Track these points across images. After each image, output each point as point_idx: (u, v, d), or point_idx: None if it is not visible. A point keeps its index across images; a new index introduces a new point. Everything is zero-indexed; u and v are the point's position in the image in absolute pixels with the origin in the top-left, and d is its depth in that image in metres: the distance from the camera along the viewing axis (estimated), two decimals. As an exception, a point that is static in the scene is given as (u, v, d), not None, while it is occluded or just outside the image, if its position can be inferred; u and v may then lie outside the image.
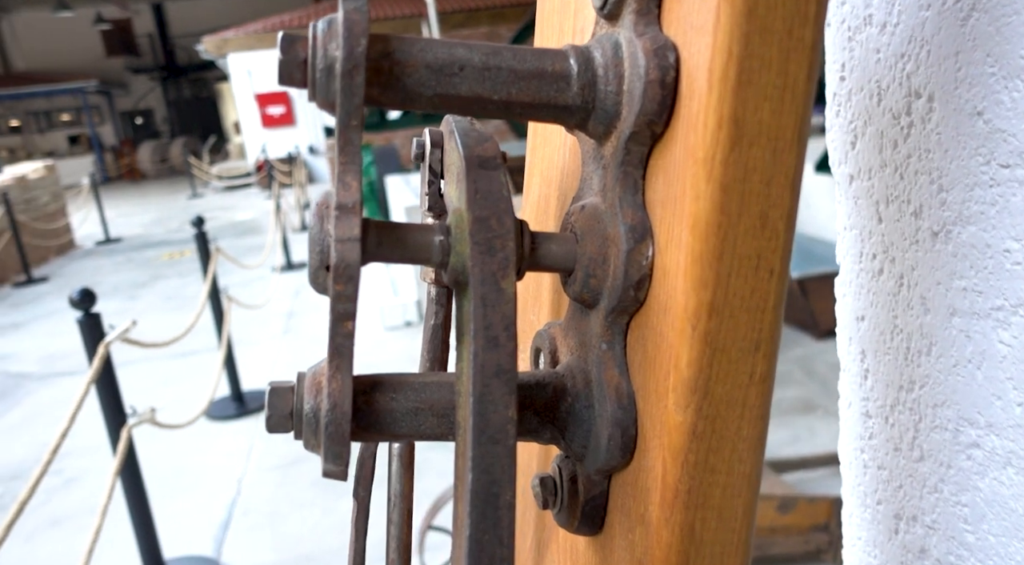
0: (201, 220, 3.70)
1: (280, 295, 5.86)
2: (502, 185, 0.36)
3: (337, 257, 0.31)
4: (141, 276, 7.46)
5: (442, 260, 0.36)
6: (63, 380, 4.46)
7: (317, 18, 0.34)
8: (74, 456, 3.36)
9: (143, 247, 9.33)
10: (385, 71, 0.33)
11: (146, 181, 21.76)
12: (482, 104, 0.35)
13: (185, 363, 4.30)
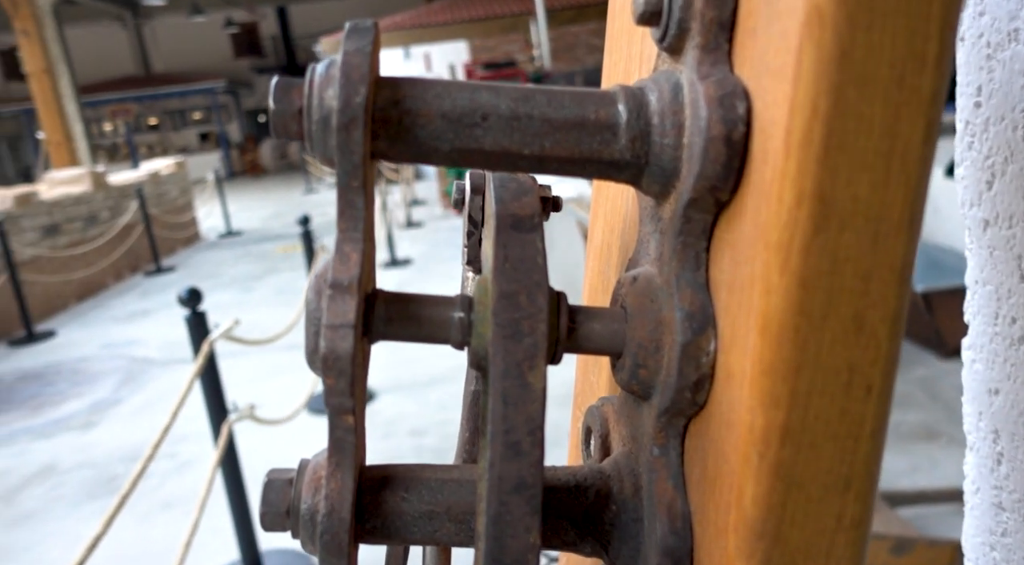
0: (307, 219, 3.82)
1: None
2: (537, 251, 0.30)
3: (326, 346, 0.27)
4: (257, 269, 7.84)
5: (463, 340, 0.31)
6: (182, 367, 4.73)
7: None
8: (188, 441, 3.54)
9: (260, 240, 9.81)
10: (394, 121, 0.28)
11: (266, 176, 22.96)
12: (510, 159, 0.29)
13: (289, 356, 4.46)
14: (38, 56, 8.16)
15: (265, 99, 27.21)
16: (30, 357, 5.37)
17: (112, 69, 25.19)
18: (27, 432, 3.91)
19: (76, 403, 4.28)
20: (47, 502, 3.10)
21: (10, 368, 5.15)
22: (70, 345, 5.61)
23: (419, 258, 7.30)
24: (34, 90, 8.36)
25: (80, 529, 2.85)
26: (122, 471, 3.30)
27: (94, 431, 3.82)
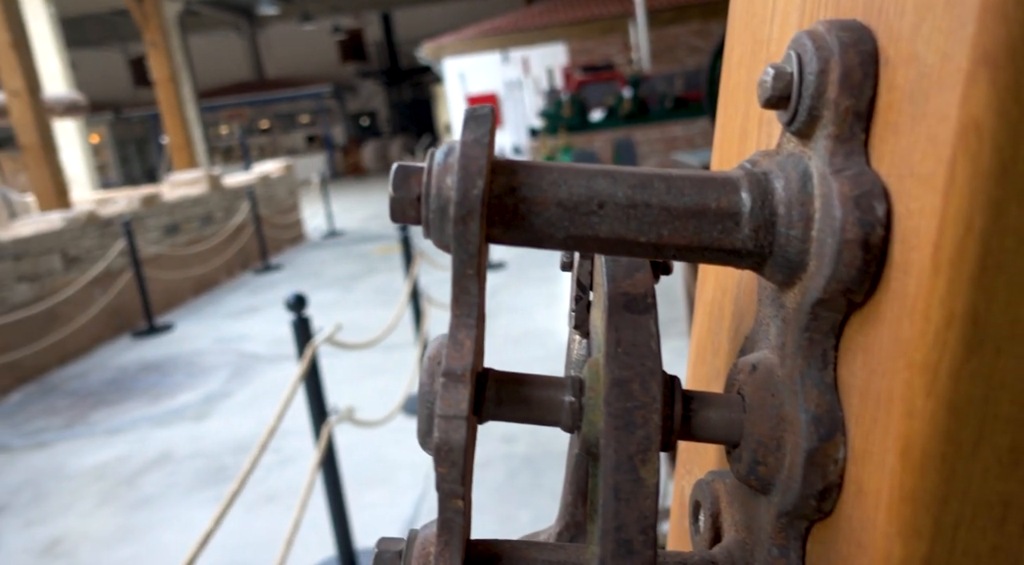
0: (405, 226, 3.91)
1: (477, 294, 6.07)
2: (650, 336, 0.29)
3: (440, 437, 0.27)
4: (357, 269, 8.10)
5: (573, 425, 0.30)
6: (287, 363, 4.94)
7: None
8: (291, 436, 3.70)
9: (361, 241, 10.14)
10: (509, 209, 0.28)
11: (368, 177, 23.69)
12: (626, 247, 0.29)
13: (387, 356, 4.58)
14: (164, 65, 8.73)
15: (369, 103, 28.09)
16: (151, 348, 5.75)
17: (228, 75, 26.63)
18: (147, 420, 4.18)
19: (191, 394, 4.54)
20: (163, 488, 3.30)
21: (133, 358, 5.52)
22: (186, 338, 5.96)
23: (513, 261, 7.35)
24: (160, 97, 8.95)
25: (192, 516, 3.02)
26: (230, 462, 3.48)
27: (206, 422, 4.04)
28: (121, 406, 4.46)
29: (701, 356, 0.49)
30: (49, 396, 4.79)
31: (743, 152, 0.40)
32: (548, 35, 13.60)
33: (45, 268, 5.46)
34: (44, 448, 3.91)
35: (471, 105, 0.28)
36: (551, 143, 8.34)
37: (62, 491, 3.38)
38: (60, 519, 3.12)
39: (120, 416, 4.28)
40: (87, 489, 3.38)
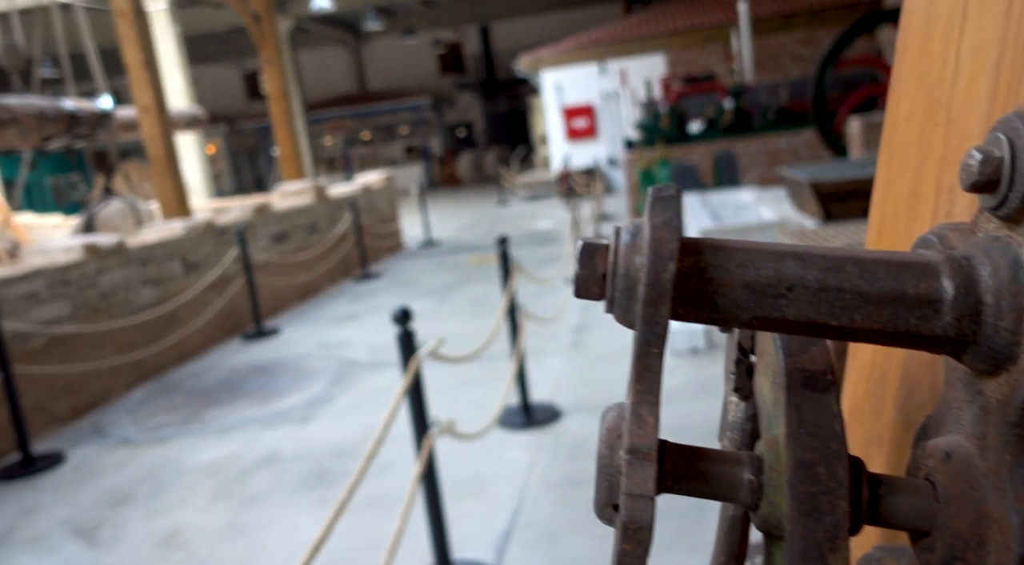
0: (504, 240, 3.95)
1: (571, 308, 6.06)
2: (834, 416, 0.29)
3: (627, 515, 0.27)
4: (452, 279, 8.24)
5: (753, 504, 0.30)
6: (385, 371, 5.08)
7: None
8: (388, 443, 3.79)
9: (456, 251, 10.32)
10: (695, 290, 0.28)
11: (463, 187, 24.08)
12: (815, 329, 0.28)
13: (483, 367, 4.63)
14: (277, 80, 9.17)
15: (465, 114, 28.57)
16: (259, 351, 6.03)
17: (333, 88, 27.70)
18: (256, 420, 4.38)
19: (295, 397, 4.74)
20: (270, 487, 3.45)
21: (243, 360, 5.81)
22: (291, 343, 6.23)
23: (608, 275, 7.30)
24: (272, 110, 9.41)
25: (296, 516, 3.14)
26: (332, 466, 3.60)
27: (310, 425, 4.21)
28: (232, 406, 4.70)
29: (858, 418, 0.47)
30: (168, 394, 5.11)
31: (914, 215, 0.38)
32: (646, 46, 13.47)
33: (167, 273, 5.83)
34: (164, 443, 4.16)
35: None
36: (648, 155, 8.25)
37: (179, 485, 3.59)
38: (178, 512, 3.31)
39: (231, 416, 4.51)
40: (202, 484, 3.57)
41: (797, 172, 4.15)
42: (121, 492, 3.56)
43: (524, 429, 3.76)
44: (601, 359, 4.77)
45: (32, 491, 3.69)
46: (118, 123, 7.82)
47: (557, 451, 3.47)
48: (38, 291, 4.54)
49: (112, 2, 6.46)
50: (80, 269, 4.91)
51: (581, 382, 4.40)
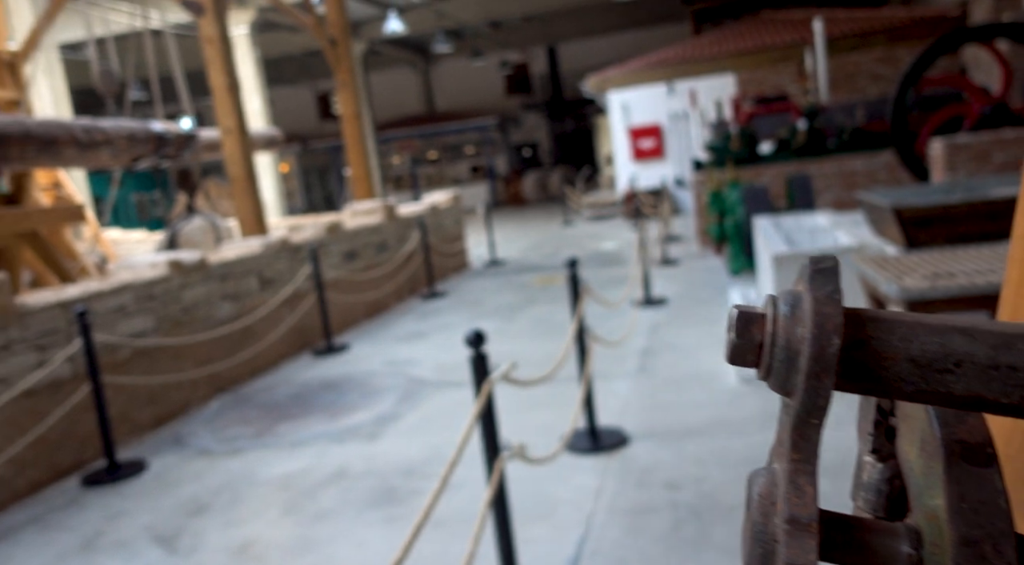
0: (574, 262, 3.95)
1: (637, 330, 6.01)
2: (998, 493, 0.28)
3: None
4: (517, 299, 8.27)
5: None
6: (452, 390, 5.13)
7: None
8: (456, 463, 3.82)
9: (521, 271, 10.36)
10: (858, 362, 0.28)
11: (527, 207, 24.19)
12: (984, 405, 0.28)
13: (549, 389, 4.62)
14: (351, 102, 9.44)
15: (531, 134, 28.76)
16: (329, 367, 6.17)
17: (402, 109, 28.32)
18: (325, 436, 4.48)
19: (364, 414, 4.82)
20: (339, 503, 3.52)
21: (314, 375, 5.95)
22: (360, 359, 6.35)
23: (675, 298, 7.21)
24: (345, 131, 9.67)
25: (364, 533, 3.19)
26: (400, 485, 3.64)
27: (378, 442, 4.27)
28: (303, 420, 4.81)
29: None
30: (242, 406, 5.27)
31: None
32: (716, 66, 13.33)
33: (244, 289, 6.03)
34: (239, 455, 4.29)
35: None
36: (718, 177, 8.13)
37: (253, 497, 3.68)
38: (252, 523, 3.40)
39: (302, 430, 4.62)
40: (274, 497, 3.66)
41: (878, 196, 4.03)
42: (199, 501, 3.68)
43: (591, 454, 3.73)
44: (668, 384, 4.70)
45: (117, 497, 3.85)
46: (201, 143, 8.18)
47: (625, 478, 3.43)
48: (126, 305, 4.76)
49: (201, 29, 6.79)
50: (165, 284, 5.13)
51: (649, 407, 4.34)
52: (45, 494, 3.97)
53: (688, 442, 3.76)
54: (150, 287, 4.99)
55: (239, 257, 6.05)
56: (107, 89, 7.94)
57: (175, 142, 7.68)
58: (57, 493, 3.98)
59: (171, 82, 8.29)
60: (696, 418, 4.07)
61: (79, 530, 3.49)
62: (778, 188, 8.31)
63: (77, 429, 4.22)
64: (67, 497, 3.91)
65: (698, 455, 3.58)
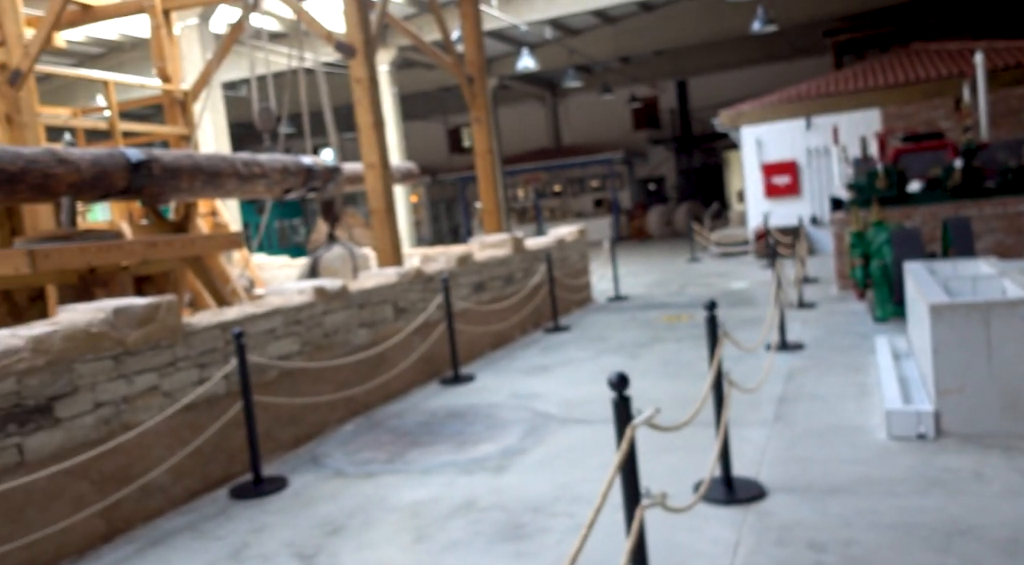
0: (713, 304, 3.84)
1: (772, 376, 5.74)
2: None
3: None
4: (642, 336, 8.13)
5: None
6: (578, 427, 5.09)
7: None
8: (585, 502, 3.77)
9: (646, 307, 10.20)
10: None
11: (651, 242, 23.88)
12: None
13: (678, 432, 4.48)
14: (484, 138, 9.72)
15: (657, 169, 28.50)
16: (456, 397, 6.28)
17: (529, 142, 28.84)
18: (453, 465, 4.54)
19: (490, 446, 4.86)
20: (468, 535, 3.54)
21: (441, 404, 6.07)
22: (485, 390, 6.43)
23: (812, 343, 6.85)
24: (477, 166, 9.95)
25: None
26: (527, 521, 3.63)
27: (505, 476, 4.28)
28: (432, 448, 4.91)
29: None
30: (375, 431, 5.45)
31: None
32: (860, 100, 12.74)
33: (380, 317, 6.28)
34: (371, 479, 4.43)
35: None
36: (862, 216, 7.71)
37: (385, 522, 3.78)
38: (384, 548, 3.49)
39: (431, 458, 4.71)
40: (405, 523, 3.74)
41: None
42: (335, 522, 3.82)
43: (726, 505, 3.58)
44: (808, 436, 4.45)
45: (260, 511, 4.06)
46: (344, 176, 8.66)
47: (764, 533, 3.25)
48: (275, 328, 5.07)
49: (351, 70, 7.22)
50: (310, 310, 5.42)
51: (787, 459, 4.12)
52: (198, 503, 4.24)
53: (832, 500, 3.53)
54: (297, 312, 5.29)
55: (376, 286, 6.31)
56: (264, 126, 8.59)
57: (322, 175, 8.17)
58: (208, 502, 4.25)
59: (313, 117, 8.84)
60: (841, 474, 3.82)
61: (228, 540, 3.71)
62: (930, 231, 7.77)
63: (228, 443, 4.50)
64: (217, 507, 4.17)
65: (844, 515, 3.35)
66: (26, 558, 3.30)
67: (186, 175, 6.20)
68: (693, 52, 24.62)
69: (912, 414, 4.18)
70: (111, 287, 5.34)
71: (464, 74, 9.66)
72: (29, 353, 3.42)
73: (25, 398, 3.39)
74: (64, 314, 3.89)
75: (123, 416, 3.88)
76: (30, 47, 7.70)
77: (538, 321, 9.26)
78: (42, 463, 3.41)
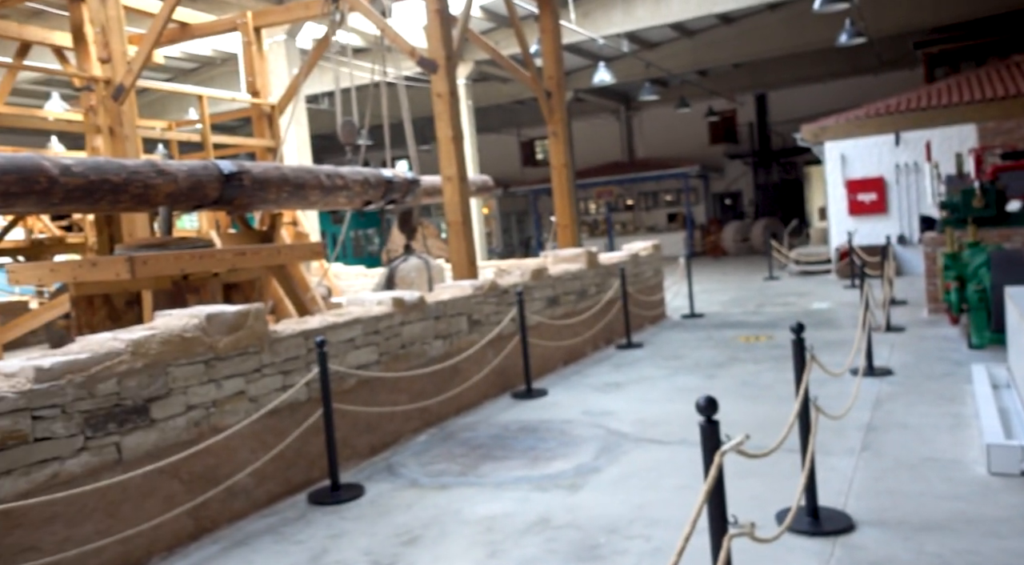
0: (801, 326, 3.71)
1: (859, 403, 5.51)
2: None
3: None
4: (719, 355, 7.94)
5: None
6: (653, 447, 4.99)
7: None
8: (661, 525, 3.69)
9: (721, 326, 9.97)
10: None
11: (726, 258, 23.37)
12: None
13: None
14: (561, 152, 9.72)
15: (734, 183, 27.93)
16: (528, 411, 6.27)
17: (602, 155, 28.71)
18: (527, 481, 4.52)
19: (563, 463, 4.82)
20: (543, 553, 3.51)
21: (513, 418, 6.07)
22: (557, 406, 6.39)
23: (901, 369, 6.55)
24: (553, 180, 9.95)
25: (569, 590, 3.15)
26: (603, 542, 3.57)
27: (579, 494, 4.24)
28: (505, 463, 4.90)
29: None
30: (448, 442, 5.48)
31: None
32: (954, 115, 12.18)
33: (455, 329, 6.33)
34: (445, 490, 4.45)
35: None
36: (957, 236, 7.35)
37: (460, 535, 3.79)
38: (459, 561, 3.49)
39: (504, 472, 4.70)
40: (480, 537, 3.74)
41: None
42: (411, 532, 3.85)
43: (812, 536, 3.44)
44: (899, 468, 4.24)
45: (338, 518, 4.13)
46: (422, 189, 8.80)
47: (853, 570, 3.11)
48: (355, 337, 5.17)
49: (433, 84, 7.34)
50: (388, 321, 5.51)
51: (876, 492, 3.93)
52: (278, 506, 4.35)
53: (927, 537, 3.34)
54: (376, 322, 5.38)
55: (452, 298, 6.37)
56: (347, 139, 8.81)
57: (401, 187, 8.33)
58: (288, 506, 4.35)
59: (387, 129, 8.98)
60: (936, 510, 3.62)
61: (308, 545, 3.78)
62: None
63: (308, 449, 4.60)
64: (297, 511, 4.26)
65: (942, 555, 3.17)
66: (121, 552, 3.45)
67: (274, 186, 6.42)
68: (773, 65, 24.08)
69: (1016, 449, 3.93)
70: (202, 293, 5.56)
71: (542, 88, 9.69)
72: (129, 356, 3.59)
73: (124, 399, 3.56)
74: (160, 319, 4.07)
75: (212, 419, 4.03)
76: (133, 64, 8.14)
77: (610, 337, 9.16)
78: (138, 462, 3.56)
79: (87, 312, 5.54)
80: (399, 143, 9.73)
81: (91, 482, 3.29)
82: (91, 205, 5.09)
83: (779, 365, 7.19)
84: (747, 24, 20.54)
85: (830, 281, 14.21)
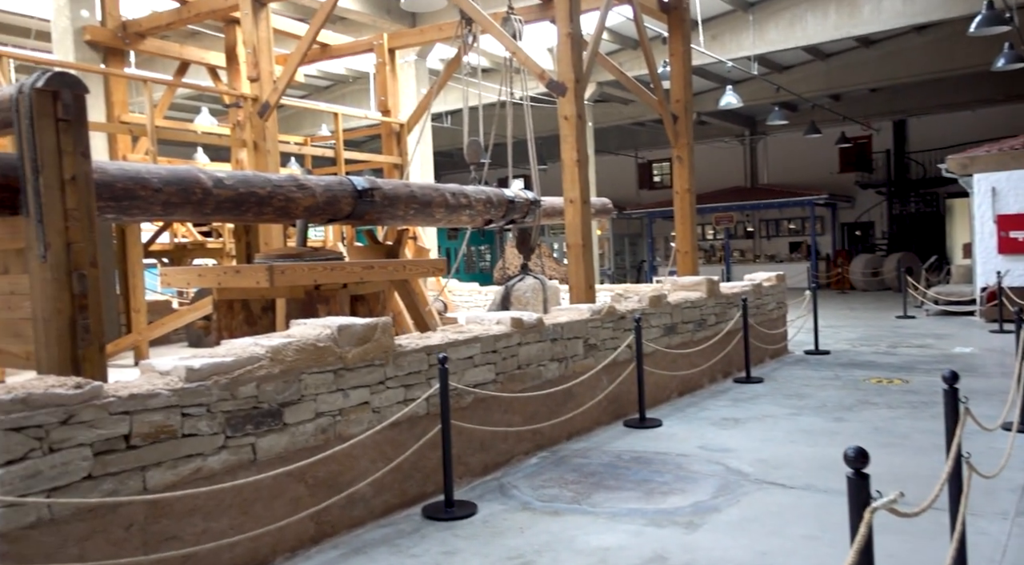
0: (955, 376, 3.42)
1: (1013, 462, 5.02)
2: None
3: None
4: (847, 397, 7.49)
5: None
6: (776, 491, 4.74)
7: None
8: (784, 578, 3.48)
9: (849, 365, 9.41)
10: None
11: (853, 293, 22.14)
12: None
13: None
14: (686, 178, 9.52)
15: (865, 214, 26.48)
16: (641, 441, 6.11)
17: (723, 180, 27.96)
18: (640, 514, 4.39)
19: (679, 499, 4.65)
20: (658, 594, 3.38)
21: (626, 447, 5.93)
22: (672, 438, 6.20)
23: None
24: (675, 205, 9.76)
25: (688, 637, 3.01)
26: (724, 589, 3.40)
27: (697, 534, 4.07)
28: (618, 493, 4.79)
29: None
30: (559, 467, 5.42)
31: None
32: None
33: (571, 352, 6.28)
34: (558, 517, 4.39)
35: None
36: None
37: (574, 564, 3.71)
38: (572, 595, 3.41)
39: (617, 503, 4.59)
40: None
41: None
42: (524, 557, 3.81)
43: (960, 608, 3.14)
44: None
45: (452, 534, 4.15)
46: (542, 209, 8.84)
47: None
48: (474, 356, 5.22)
49: (560, 107, 7.38)
50: (506, 340, 5.54)
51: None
52: (394, 518, 4.43)
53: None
54: (495, 342, 5.42)
55: (569, 321, 6.33)
56: (472, 158, 8.99)
57: (522, 208, 8.40)
58: (403, 519, 4.42)
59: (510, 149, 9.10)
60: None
61: (422, 559, 3.82)
62: None
63: (424, 463, 4.67)
64: (411, 524, 4.32)
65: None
66: (250, 548, 3.60)
67: (402, 203, 6.62)
68: (915, 90, 22.73)
69: None
70: (331, 304, 5.79)
71: (669, 112, 9.55)
72: (268, 361, 3.76)
73: (261, 402, 3.73)
74: (296, 328, 4.25)
75: (338, 427, 4.16)
76: (278, 82, 8.66)
77: (728, 370, 8.83)
78: (270, 463, 3.72)
79: (227, 315, 5.89)
80: (517, 161, 9.84)
81: (228, 480, 3.46)
82: (238, 216, 5.42)
83: (916, 412, 6.69)
84: (889, 47, 19.53)
85: (974, 323, 13.14)
